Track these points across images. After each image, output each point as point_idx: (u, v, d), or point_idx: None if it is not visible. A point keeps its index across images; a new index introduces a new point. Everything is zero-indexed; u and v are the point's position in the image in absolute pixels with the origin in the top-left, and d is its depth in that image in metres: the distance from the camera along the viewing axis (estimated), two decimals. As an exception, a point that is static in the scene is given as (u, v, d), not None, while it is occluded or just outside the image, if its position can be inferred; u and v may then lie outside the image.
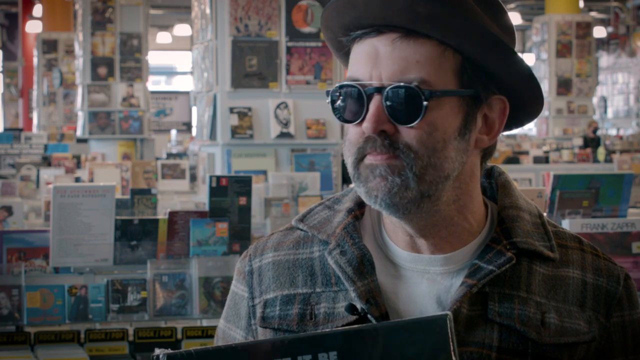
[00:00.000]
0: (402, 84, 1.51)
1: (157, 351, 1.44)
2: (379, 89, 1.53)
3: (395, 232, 1.62)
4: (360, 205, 1.65)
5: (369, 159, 1.54)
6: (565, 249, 1.63)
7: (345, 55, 1.63)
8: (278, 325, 1.62)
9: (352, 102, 1.55)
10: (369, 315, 1.54)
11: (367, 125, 1.53)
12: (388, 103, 1.52)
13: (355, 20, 1.56)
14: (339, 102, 1.57)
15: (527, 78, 1.58)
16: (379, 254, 1.61)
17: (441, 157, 1.53)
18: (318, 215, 1.68)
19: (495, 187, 1.68)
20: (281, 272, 1.65)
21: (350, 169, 1.57)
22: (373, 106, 1.53)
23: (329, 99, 1.58)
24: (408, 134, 1.52)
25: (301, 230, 1.68)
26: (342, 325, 1.56)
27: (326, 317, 1.59)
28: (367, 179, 1.54)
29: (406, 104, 1.51)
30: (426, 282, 1.58)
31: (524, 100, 1.62)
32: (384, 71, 1.53)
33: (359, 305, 1.55)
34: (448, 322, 1.41)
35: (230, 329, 1.71)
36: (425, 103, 1.51)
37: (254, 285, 1.67)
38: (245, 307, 1.68)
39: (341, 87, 1.56)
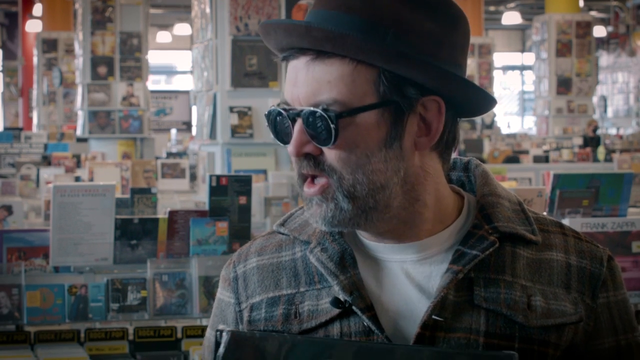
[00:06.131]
0: (311, 108, 1.52)
1: (222, 326, 1.51)
2: (299, 113, 1.54)
3: (363, 232, 1.64)
4: None
5: (305, 190, 1.57)
6: (547, 233, 1.65)
7: None
8: (264, 326, 1.64)
9: (282, 125, 1.57)
10: (354, 307, 1.56)
11: (290, 148, 1.55)
12: (307, 126, 1.53)
13: (277, 44, 1.59)
14: (275, 125, 1.59)
15: (456, 81, 1.55)
16: (357, 250, 1.63)
17: (366, 172, 1.53)
18: (298, 219, 1.70)
19: (473, 179, 1.69)
20: (266, 276, 1.67)
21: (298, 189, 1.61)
22: (296, 130, 1.55)
23: (267, 123, 1.60)
24: (330, 154, 1.54)
25: (282, 234, 1.70)
26: (326, 320, 1.59)
27: (310, 314, 1.61)
28: (307, 206, 1.58)
29: (319, 127, 1.52)
30: (405, 271, 1.60)
31: (464, 99, 1.59)
32: (301, 94, 1.55)
33: (343, 298, 1.57)
34: None
35: None
36: (332, 126, 1.51)
37: (239, 290, 1.69)
38: (232, 313, 1.69)
39: (272, 111, 1.59)
